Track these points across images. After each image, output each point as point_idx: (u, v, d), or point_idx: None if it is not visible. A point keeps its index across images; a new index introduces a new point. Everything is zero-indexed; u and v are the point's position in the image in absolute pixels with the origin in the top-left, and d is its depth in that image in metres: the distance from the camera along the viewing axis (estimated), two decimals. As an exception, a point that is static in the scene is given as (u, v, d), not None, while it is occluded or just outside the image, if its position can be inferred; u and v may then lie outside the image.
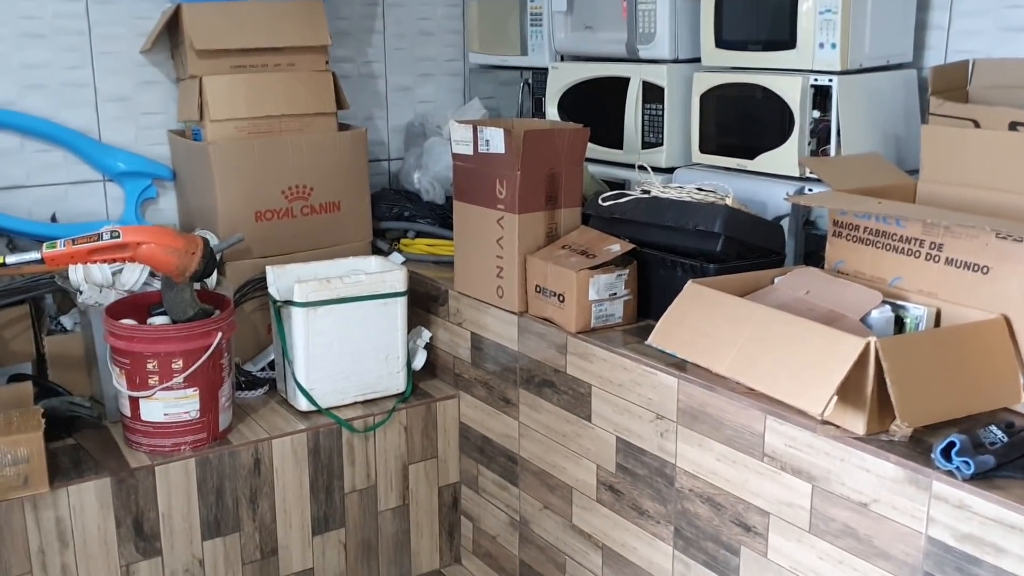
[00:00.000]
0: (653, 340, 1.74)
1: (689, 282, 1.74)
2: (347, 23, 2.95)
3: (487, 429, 2.34)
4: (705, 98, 2.27)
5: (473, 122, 2.19)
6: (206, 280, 2.28)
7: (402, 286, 2.35)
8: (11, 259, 1.99)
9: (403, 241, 2.75)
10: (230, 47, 2.48)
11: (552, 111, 2.65)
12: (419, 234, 2.75)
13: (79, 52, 2.57)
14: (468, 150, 2.19)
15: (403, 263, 2.57)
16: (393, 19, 3.06)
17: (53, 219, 2.58)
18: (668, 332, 1.71)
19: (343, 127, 2.71)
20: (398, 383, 2.39)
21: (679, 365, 1.77)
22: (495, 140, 2.09)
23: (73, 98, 2.58)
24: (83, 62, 2.58)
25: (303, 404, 2.28)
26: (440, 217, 2.73)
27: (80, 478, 1.98)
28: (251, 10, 2.52)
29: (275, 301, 2.30)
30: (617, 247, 2.01)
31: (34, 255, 1.98)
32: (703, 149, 2.30)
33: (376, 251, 2.71)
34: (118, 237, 1.98)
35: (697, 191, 2.02)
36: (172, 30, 2.56)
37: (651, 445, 1.83)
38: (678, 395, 1.75)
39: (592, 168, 2.49)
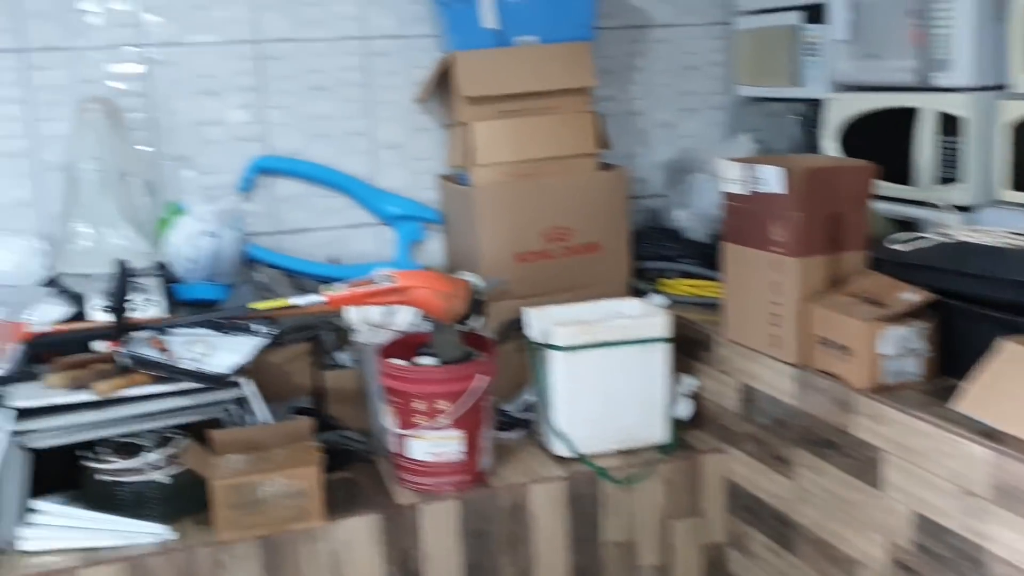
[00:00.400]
0: (962, 407, 1.53)
1: (1005, 340, 1.52)
2: (610, 61, 2.92)
3: (757, 488, 2.18)
4: (1015, 129, 2.01)
5: (746, 160, 2.07)
6: (470, 322, 2.30)
7: (665, 331, 2.25)
8: (296, 300, 2.10)
9: (664, 281, 2.66)
10: (497, 93, 2.51)
11: (831, 145, 2.46)
12: (682, 274, 2.65)
13: (358, 103, 2.71)
14: (741, 189, 2.06)
15: (666, 305, 2.48)
16: (657, 55, 3.00)
17: (333, 260, 2.73)
18: (980, 397, 1.50)
19: (604, 166, 2.67)
20: (660, 433, 2.29)
21: (991, 434, 1.54)
22: (771, 179, 1.96)
23: (353, 146, 2.72)
24: (362, 112, 2.72)
25: (560, 449, 2.24)
26: (704, 256, 2.61)
27: (353, 513, 2.04)
28: (518, 55, 2.55)
29: (534, 344, 2.28)
30: (913, 296, 1.80)
31: (318, 297, 2.08)
32: (1012, 186, 2.03)
33: (635, 291, 2.64)
34: (393, 282, 2.05)
35: (1011, 235, 1.78)
36: (443, 78, 2.63)
37: (957, 524, 1.61)
38: (993, 470, 1.52)
39: (877, 205, 2.28)
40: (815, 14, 2.57)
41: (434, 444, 2.09)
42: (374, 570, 2.05)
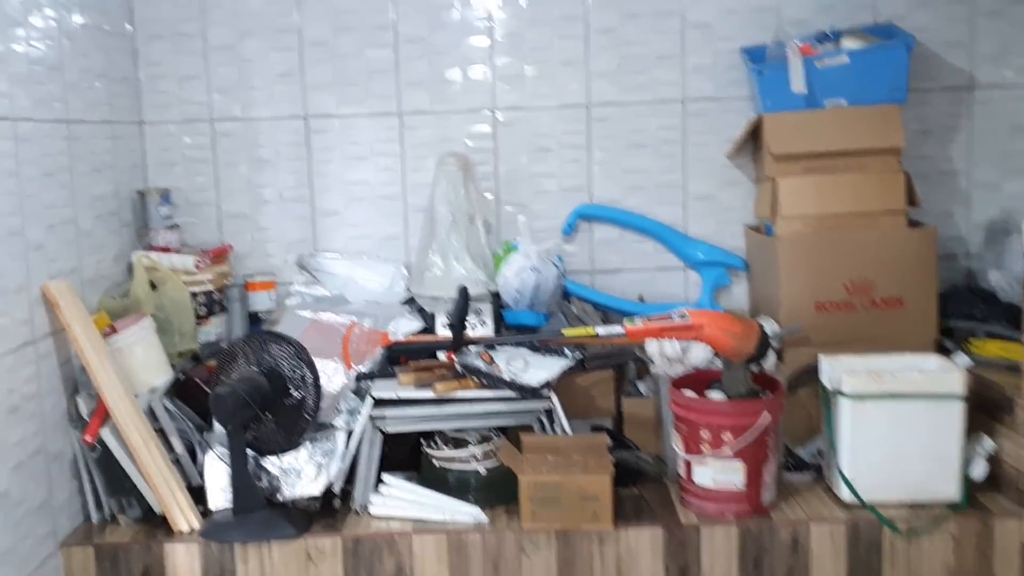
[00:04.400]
0: None
1: None
2: (929, 123, 2.94)
3: (1052, 556, 2.11)
4: None
5: (1052, 220, 2.06)
6: (763, 363, 2.45)
7: (959, 388, 2.25)
8: (601, 331, 2.39)
9: (973, 342, 2.62)
10: (804, 151, 2.66)
11: None
12: (990, 335, 2.60)
13: (674, 159, 2.98)
14: (1045, 249, 2.05)
15: (971, 366, 2.47)
16: (981, 116, 2.97)
17: (640, 299, 3.00)
18: None
19: (914, 224, 2.70)
20: (951, 490, 2.28)
21: None
22: (1076, 239, 1.94)
23: (665, 197, 2.99)
24: (676, 167, 2.98)
25: (845, 494, 2.31)
26: (1016, 319, 2.55)
27: (639, 523, 2.27)
28: (826, 117, 2.69)
29: (825, 389, 2.38)
30: None
31: (618, 329, 2.36)
32: None
33: (941, 349, 2.62)
34: (686, 319, 2.27)
35: None
36: (754, 137, 2.83)
37: None
38: None
39: None
40: None
41: (718, 472, 2.27)
42: (655, 578, 2.27)
